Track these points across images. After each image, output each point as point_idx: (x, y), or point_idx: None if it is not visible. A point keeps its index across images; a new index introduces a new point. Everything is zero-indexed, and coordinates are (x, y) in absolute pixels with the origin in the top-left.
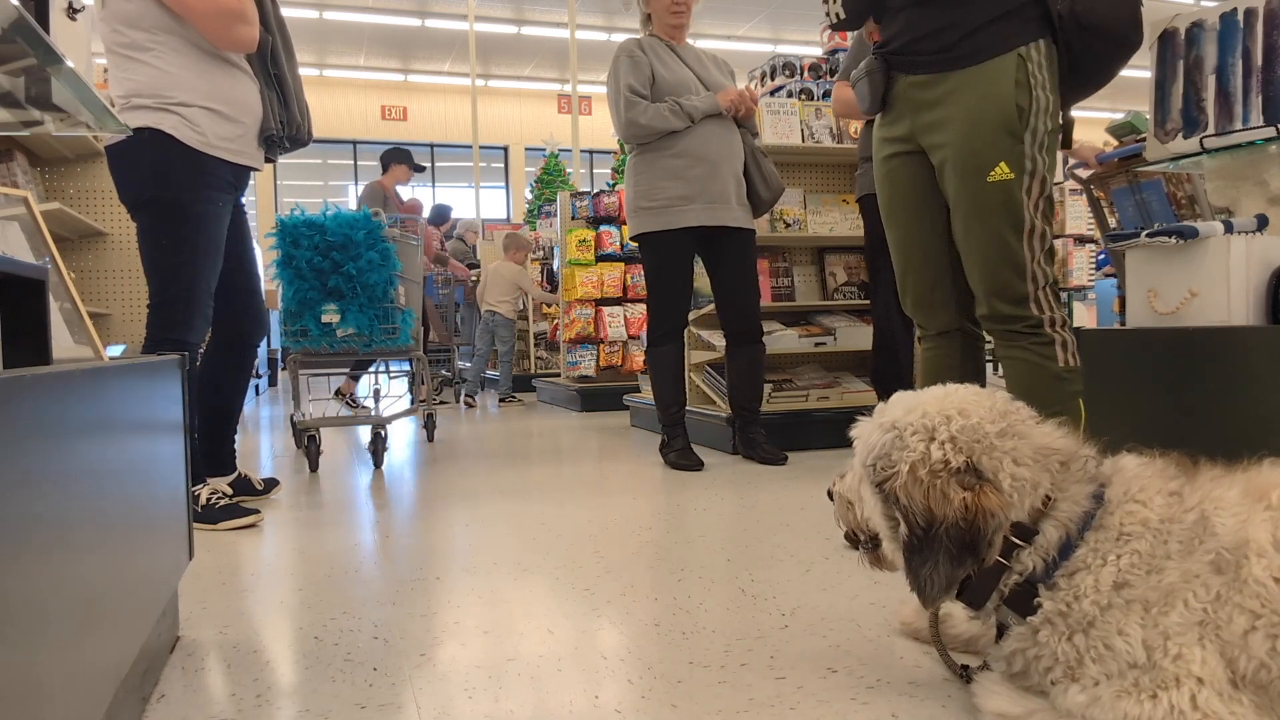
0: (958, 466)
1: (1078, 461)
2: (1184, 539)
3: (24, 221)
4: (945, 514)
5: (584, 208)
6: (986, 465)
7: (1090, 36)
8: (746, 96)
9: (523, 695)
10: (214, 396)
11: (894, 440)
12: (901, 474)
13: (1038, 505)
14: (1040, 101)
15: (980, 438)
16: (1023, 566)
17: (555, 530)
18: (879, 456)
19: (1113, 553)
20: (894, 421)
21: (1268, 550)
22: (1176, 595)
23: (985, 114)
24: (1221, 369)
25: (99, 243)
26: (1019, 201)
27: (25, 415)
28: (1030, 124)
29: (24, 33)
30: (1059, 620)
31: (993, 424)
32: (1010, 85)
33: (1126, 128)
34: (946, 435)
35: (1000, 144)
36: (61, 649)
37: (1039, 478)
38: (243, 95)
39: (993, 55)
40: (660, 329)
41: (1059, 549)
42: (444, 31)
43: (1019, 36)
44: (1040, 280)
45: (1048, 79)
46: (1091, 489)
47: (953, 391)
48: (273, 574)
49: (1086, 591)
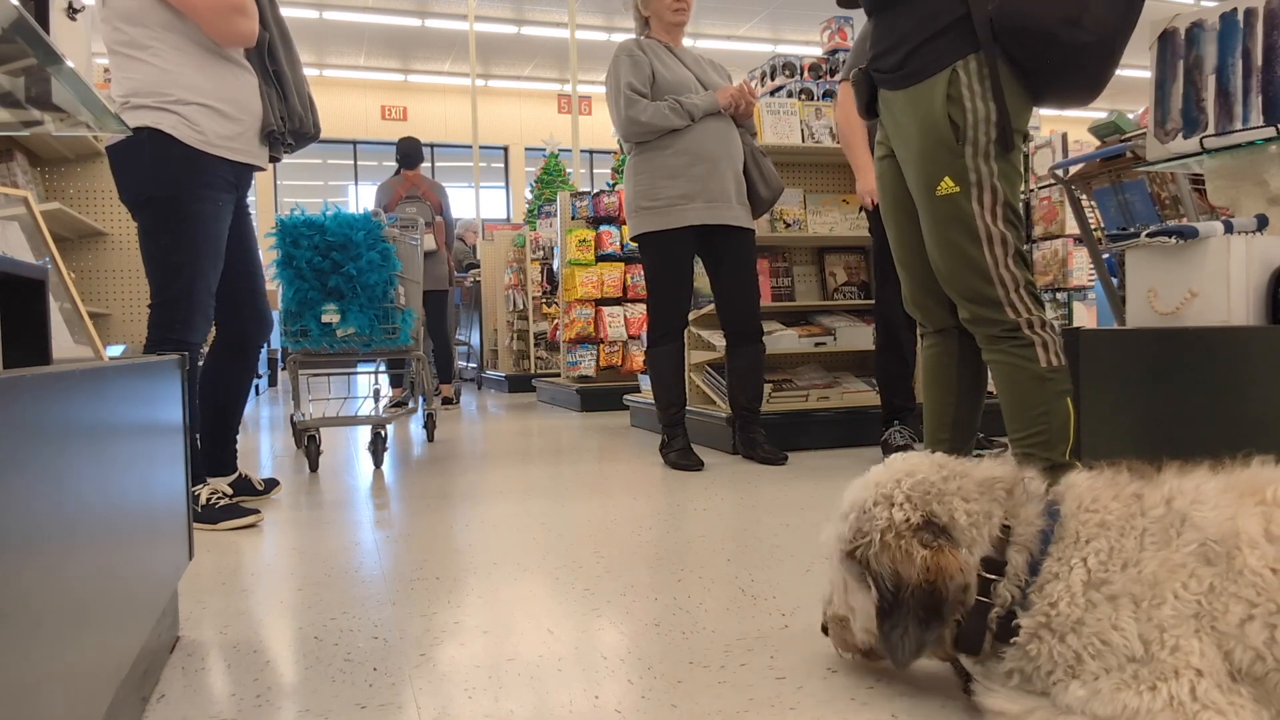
0: (916, 523)
1: (1019, 486)
2: (1156, 533)
3: (24, 221)
4: (910, 575)
5: (584, 208)
6: (940, 511)
7: (1021, 39)
8: (745, 93)
9: (523, 695)
10: (216, 397)
11: (859, 516)
12: (874, 541)
13: (997, 534)
14: (979, 112)
15: (929, 489)
16: (1002, 599)
17: (555, 530)
18: (853, 533)
19: (1075, 557)
20: (853, 502)
21: (1260, 542)
22: (1164, 586)
23: (926, 132)
24: (1221, 369)
25: (99, 243)
26: (970, 213)
27: (25, 415)
28: (968, 136)
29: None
30: (1045, 633)
31: (936, 473)
32: (942, 102)
33: (1109, 128)
34: (903, 496)
35: (941, 160)
36: (61, 649)
37: (990, 508)
38: (243, 93)
39: (930, 74)
40: (660, 329)
41: (1027, 570)
42: (444, 31)
43: (953, 52)
44: (1010, 284)
45: (987, 89)
46: (1040, 507)
47: (897, 459)
48: (273, 574)
49: (1061, 596)
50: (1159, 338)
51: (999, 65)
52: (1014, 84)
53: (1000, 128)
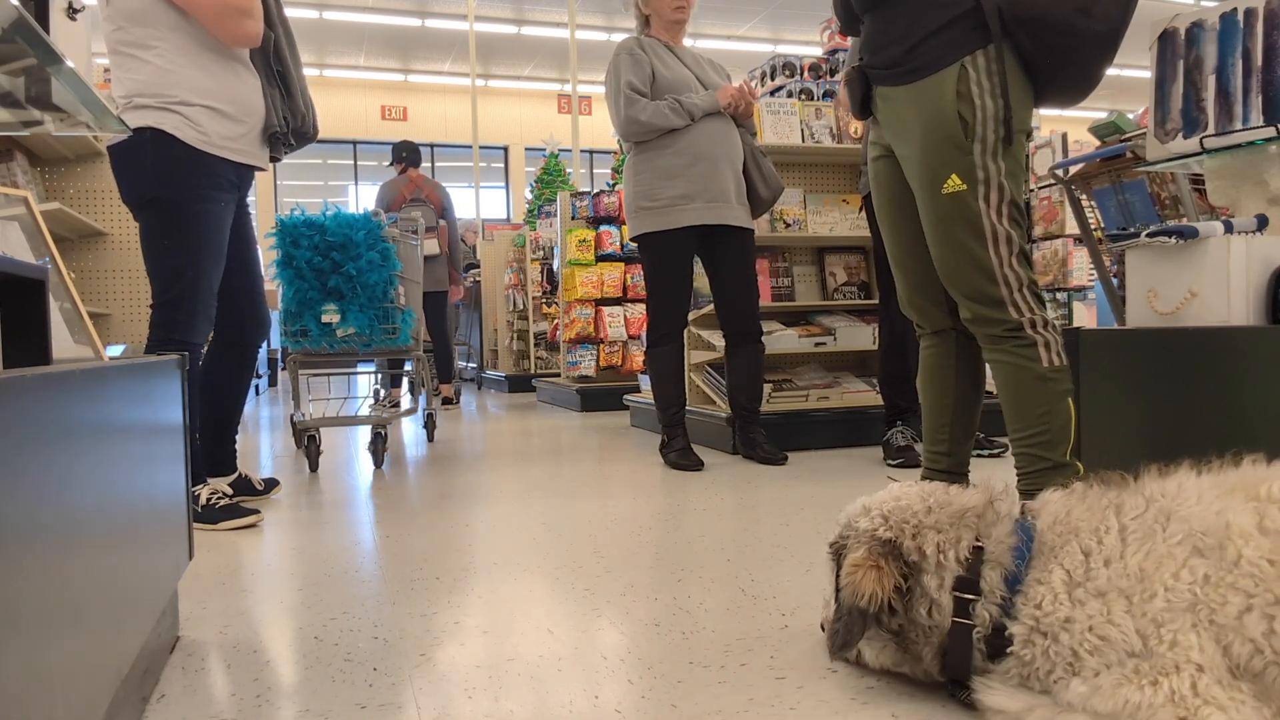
0: (879, 537)
1: (990, 510)
2: (1139, 530)
3: (24, 221)
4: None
5: (584, 208)
6: (910, 547)
7: (1033, 30)
8: (745, 92)
9: (523, 695)
10: (215, 397)
11: (845, 525)
12: (846, 546)
13: (966, 555)
14: (988, 109)
15: (908, 517)
16: (982, 619)
17: (555, 530)
18: (836, 537)
19: (1052, 562)
20: (847, 512)
21: (1253, 534)
22: (1152, 579)
23: (933, 129)
24: (1221, 369)
25: (99, 243)
26: (976, 211)
27: (25, 415)
28: (978, 134)
29: (24, 33)
30: (1036, 636)
31: (920, 503)
32: (952, 98)
33: (1109, 128)
34: (880, 515)
35: (949, 157)
36: (62, 649)
37: (960, 534)
38: (245, 94)
39: (937, 69)
40: (660, 329)
41: (1006, 585)
42: (444, 31)
43: (961, 47)
44: (1014, 283)
45: (995, 85)
46: (1010, 526)
47: (893, 489)
48: (273, 574)
49: (1045, 598)
50: (1159, 338)
51: (1006, 59)
52: (1019, 79)
53: (1006, 124)
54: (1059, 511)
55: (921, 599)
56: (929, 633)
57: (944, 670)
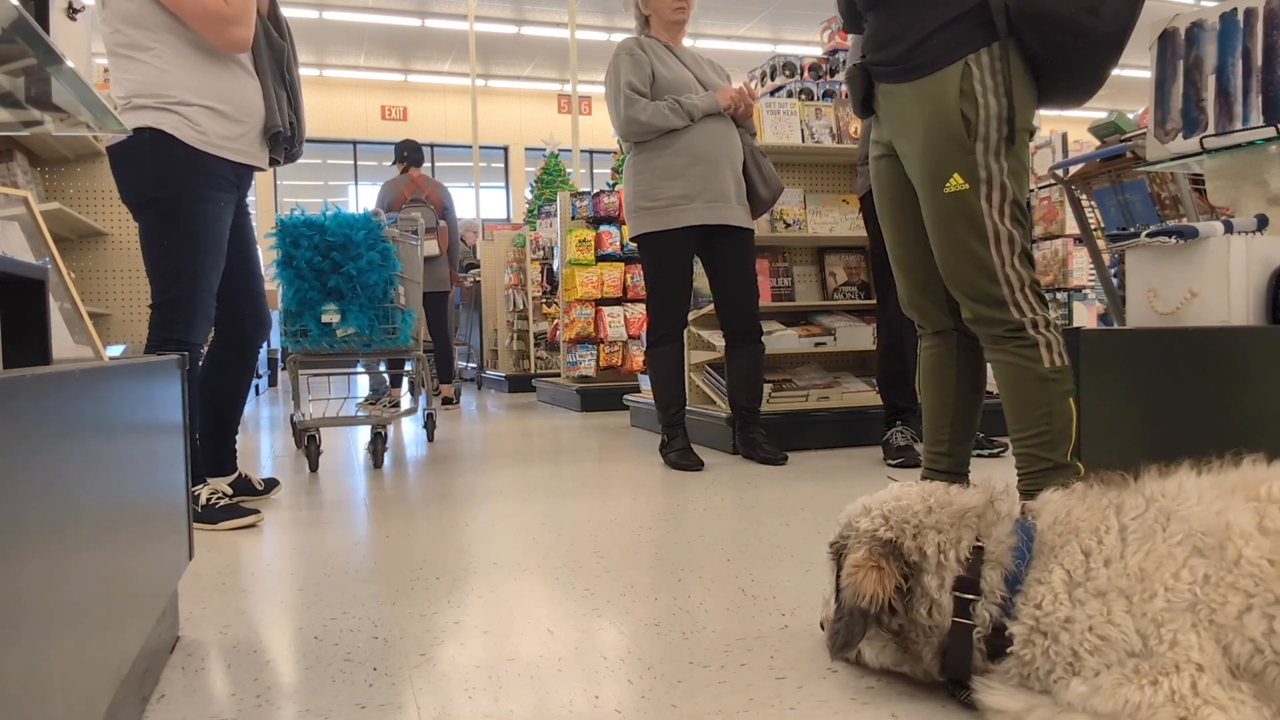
0: (880, 538)
1: (990, 510)
2: (1139, 530)
3: (24, 221)
4: (844, 581)
5: (584, 208)
6: (911, 547)
7: (1040, 27)
8: (745, 94)
9: (523, 695)
10: (215, 397)
11: (845, 524)
12: (847, 546)
13: (966, 555)
14: (991, 108)
15: (908, 517)
16: (982, 619)
17: (555, 530)
18: (837, 536)
19: (1053, 562)
20: (847, 512)
21: (1253, 534)
22: (1152, 579)
23: (936, 127)
24: (1221, 369)
25: (99, 243)
26: (978, 210)
27: (25, 415)
28: (980, 133)
29: (24, 33)
30: (1036, 636)
31: (921, 504)
32: (955, 96)
33: (1110, 128)
34: (880, 515)
35: (951, 156)
36: (61, 649)
37: (960, 534)
38: (244, 95)
39: (941, 67)
40: (660, 329)
41: (1006, 585)
42: (444, 31)
43: (965, 45)
44: (1016, 283)
45: (999, 84)
46: (1010, 525)
47: (894, 489)
48: (273, 574)
49: (1045, 598)
50: (1159, 338)
51: (1011, 58)
52: (1024, 78)
53: (1009, 123)
54: (1059, 511)
55: (922, 599)
56: (929, 633)
57: (944, 670)
